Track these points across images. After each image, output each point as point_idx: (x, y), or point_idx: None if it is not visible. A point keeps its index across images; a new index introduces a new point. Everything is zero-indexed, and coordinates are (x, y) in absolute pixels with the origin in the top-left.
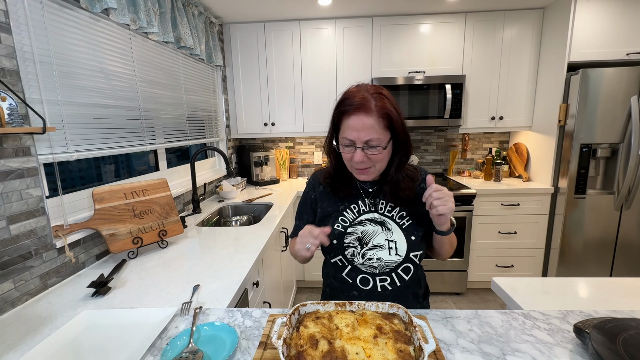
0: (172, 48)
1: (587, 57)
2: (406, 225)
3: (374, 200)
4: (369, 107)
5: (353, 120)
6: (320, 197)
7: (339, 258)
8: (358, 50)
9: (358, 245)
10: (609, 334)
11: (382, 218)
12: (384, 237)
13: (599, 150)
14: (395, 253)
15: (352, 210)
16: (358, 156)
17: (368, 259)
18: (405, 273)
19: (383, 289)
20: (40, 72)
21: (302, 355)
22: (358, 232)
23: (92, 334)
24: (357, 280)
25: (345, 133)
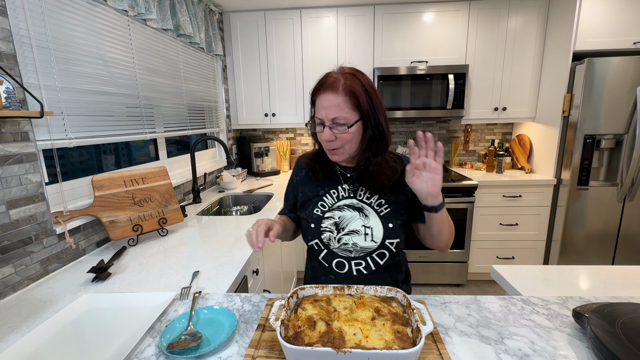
0: (171, 36)
1: (593, 47)
2: (384, 212)
3: (353, 186)
4: (337, 86)
5: (322, 99)
6: (302, 181)
7: (316, 242)
8: (360, 39)
9: (335, 230)
10: (608, 317)
11: (361, 204)
12: (361, 223)
13: (603, 141)
14: (371, 239)
15: (332, 195)
16: (325, 134)
17: (344, 244)
18: (380, 258)
19: (358, 272)
20: (37, 57)
21: (300, 336)
22: (335, 217)
23: (92, 317)
24: (332, 264)
25: (317, 112)
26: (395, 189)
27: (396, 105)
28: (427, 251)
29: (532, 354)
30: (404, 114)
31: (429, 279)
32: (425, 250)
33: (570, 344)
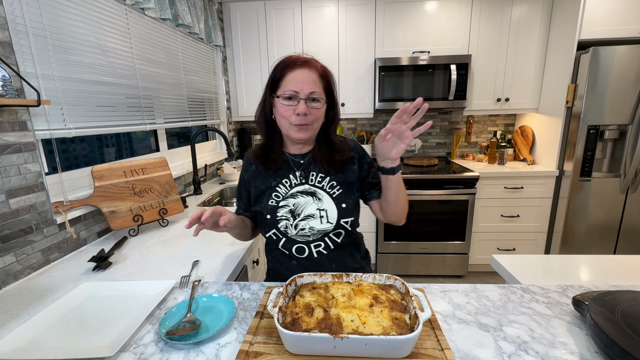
0: (170, 26)
1: (599, 35)
2: (337, 194)
3: (304, 172)
4: (314, 65)
5: (298, 73)
6: (253, 176)
7: (273, 232)
8: (361, 29)
9: (291, 218)
10: (608, 305)
11: (313, 189)
12: (315, 206)
13: (607, 132)
14: (326, 221)
15: (285, 184)
16: (302, 107)
17: (301, 229)
18: (337, 237)
19: (319, 254)
20: (34, 45)
21: (297, 322)
22: (290, 205)
23: (92, 304)
24: (293, 251)
25: (288, 86)
26: (345, 169)
27: (397, 96)
28: (427, 242)
29: (531, 341)
30: None
31: (430, 271)
32: (425, 242)
33: (570, 331)
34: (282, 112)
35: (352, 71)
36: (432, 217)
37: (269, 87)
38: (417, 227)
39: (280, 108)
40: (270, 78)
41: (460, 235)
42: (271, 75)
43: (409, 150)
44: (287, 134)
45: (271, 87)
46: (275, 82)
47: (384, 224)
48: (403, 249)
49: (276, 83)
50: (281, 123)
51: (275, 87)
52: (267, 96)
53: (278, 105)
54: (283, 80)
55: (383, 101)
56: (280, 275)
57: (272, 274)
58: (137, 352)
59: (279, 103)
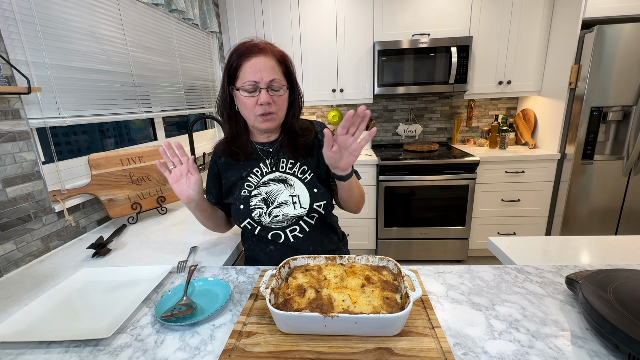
0: (163, 11)
1: (604, 13)
2: (308, 179)
3: (274, 159)
4: (270, 50)
5: (255, 61)
6: (223, 168)
7: (247, 221)
8: (359, 12)
9: (264, 206)
10: (601, 283)
11: (284, 176)
12: (288, 193)
13: (610, 113)
14: (299, 206)
15: (256, 174)
16: (264, 96)
17: (275, 217)
18: (311, 219)
19: (295, 238)
20: (23, 32)
21: (289, 302)
22: (263, 193)
23: (90, 289)
24: (269, 237)
25: (247, 77)
26: (315, 153)
27: (398, 81)
28: (427, 228)
29: (522, 319)
30: (406, 89)
31: (430, 256)
32: (426, 227)
33: (562, 309)
34: (246, 104)
35: (350, 56)
36: (433, 203)
37: (227, 79)
38: (418, 213)
39: (243, 100)
40: (226, 68)
41: (461, 220)
42: (227, 65)
43: (410, 136)
44: (253, 125)
45: (229, 78)
46: (233, 73)
47: (384, 210)
48: (404, 235)
49: (234, 73)
50: (246, 115)
51: (233, 78)
52: (225, 88)
53: (240, 97)
54: (240, 71)
55: (383, 86)
56: (258, 261)
57: (250, 261)
58: (134, 334)
59: (241, 95)
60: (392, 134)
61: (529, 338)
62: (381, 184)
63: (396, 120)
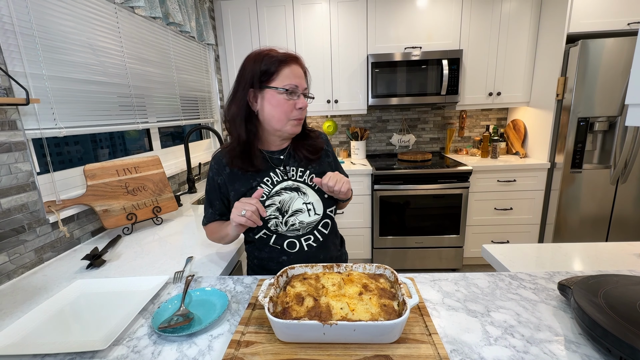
0: (160, 24)
1: (587, 28)
2: (318, 186)
3: (284, 168)
4: (302, 62)
5: (294, 68)
6: (230, 179)
7: (263, 232)
8: (353, 25)
9: (279, 215)
10: (591, 288)
11: (296, 184)
12: (302, 201)
13: (597, 123)
14: (314, 213)
15: (266, 183)
16: (304, 101)
17: (291, 225)
18: (325, 228)
19: (309, 247)
20: (22, 44)
21: (288, 311)
22: (277, 203)
23: (85, 301)
24: (284, 246)
25: (288, 80)
26: (321, 161)
27: (391, 92)
28: (422, 237)
29: (517, 325)
30: (399, 100)
31: (425, 264)
32: (421, 236)
33: (555, 315)
34: (283, 105)
35: (344, 68)
36: (427, 212)
37: (258, 80)
38: (413, 222)
39: (279, 101)
40: (258, 71)
41: (455, 228)
42: (261, 68)
43: (403, 146)
44: (281, 128)
45: (260, 79)
46: (266, 76)
47: (379, 220)
48: (399, 244)
49: (268, 76)
50: (277, 117)
51: (267, 80)
52: (245, 90)
53: (276, 98)
54: (279, 74)
55: (376, 97)
56: (269, 271)
57: (259, 270)
58: (131, 345)
59: (279, 96)
60: (386, 144)
61: (523, 343)
62: (376, 194)
63: (390, 130)
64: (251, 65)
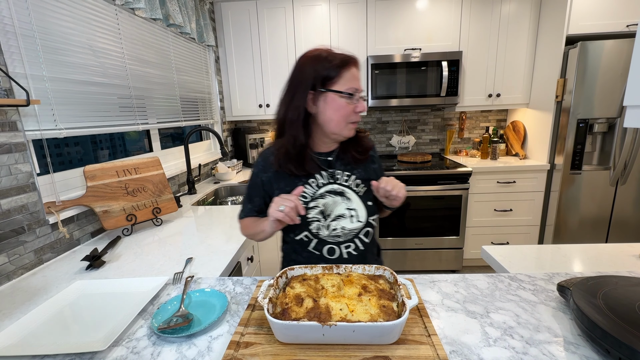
0: (160, 26)
1: (586, 30)
2: (362, 192)
3: (331, 171)
4: (359, 63)
5: (353, 71)
6: (276, 178)
7: (305, 234)
8: (353, 27)
9: (322, 218)
10: (591, 289)
11: (342, 188)
12: (345, 206)
13: (596, 125)
14: (357, 220)
15: (311, 184)
16: (363, 105)
17: (333, 230)
18: (366, 236)
19: (348, 255)
20: (23, 46)
21: (287, 312)
22: (320, 205)
23: (85, 301)
24: (323, 252)
25: (349, 83)
26: (367, 167)
27: (391, 93)
28: (422, 238)
29: (516, 326)
30: (399, 102)
31: (425, 266)
32: (420, 237)
33: (554, 316)
34: (344, 109)
35: None
36: (427, 213)
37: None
38: (412, 223)
39: (341, 105)
40: (320, 73)
41: (455, 230)
42: (323, 70)
43: (403, 147)
44: (339, 132)
45: (322, 81)
46: (328, 78)
47: (379, 221)
48: (399, 245)
49: (329, 78)
50: (335, 119)
51: (328, 82)
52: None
53: (338, 102)
54: (340, 77)
55: (376, 98)
56: None
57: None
58: (130, 346)
59: (340, 100)
60: (386, 145)
61: (523, 344)
62: None
63: (390, 131)
64: (311, 67)
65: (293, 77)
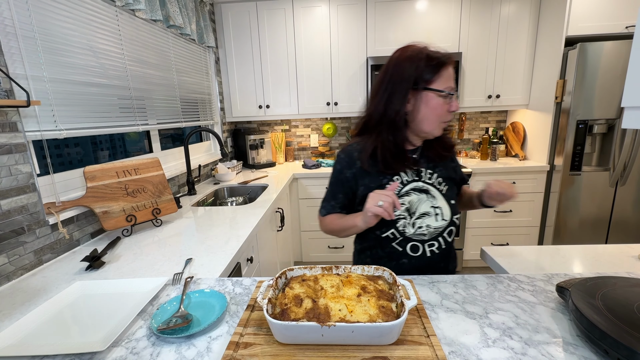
0: (161, 27)
1: (585, 31)
2: (445, 190)
3: (416, 168)
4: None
5: (450, 70)
6: (360, 174)
7: (391, 232)
8: (353, 29)
9: (408, 216)
10: (589, 290)
11: (426, 186)
12: (430, 204)
13: (596, 126)
14: (441, 218)
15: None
16: (457, 104)
17: (418, 228)
18: (449, 235)
19: (432, 253)
20: (23, 47)
21: (286, 312)
22: (406, 203)
23: (84, 302)
24: (407, 249)
25: (446, 83)
26: (447, 165)
27: None
28: None
29: (515, 327)
30: None
31: None
32: None
33: (553, 317)
34: (438, 108)
35: (344, 70)
36: None
37: (422, 80)
38: None
39: (438, 104)
40: (421, 72)
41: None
42: (423, 69)
43: None
44: (430, 131)
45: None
46: (427, 76)
47: None
48: None
49: (430, 77)
50: (430, 118)
51: (427, 81)
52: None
53: (435, 101)
54: (438, 76)
55: None
56: None
57: None
58: (129, 347)
59: (436, 98)
60: None
61: (522, 345)
62: None
63: None
64: (411, 65)
65: (390, 75)
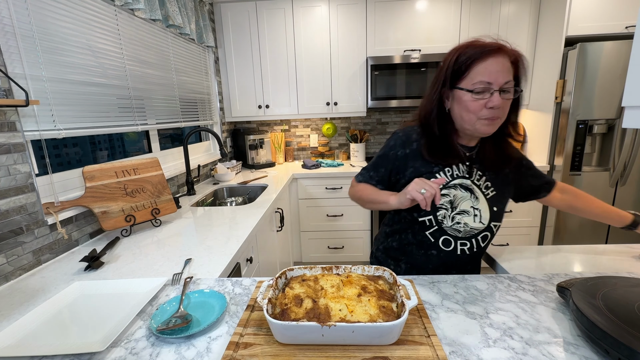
0: (160, 26)
1: (585, 31)
2: (490, 195)
3: (469, 166)
4: (506, 49)
5: (490, 62)
6: (413, 155)
7: (429, 218)
8: (352, 28)
9: (450, 208)
10: (590, 290)
11: (472, 186)
12: (470, 204)
13: (596, 126)
14: (479, 220)
15: (446, 173)
16: (497, 99)
17: (456, 223)
18: (483, 240)
19: (462, 252)
20: (22, 46)
21: (286, 312)
22: (450, 195)
23: (83, 302)
24: (439, 241)
25: (478, 77)
26: (508, 175)
27: (390, 94)
28: None
29: (516, 327)
30: (399, 103)
31: None
32: None
33: (554, 317)
34: (470, 106)
35: (344, 70)
36: None
37: (450, 78)
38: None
39: (466, 102)
40: (446, 68)
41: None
42: (454, 67)
43: None
44: (469, 127)
45: (452, 78)
46: (458, 73)
47: (379, 222)
48: None
49: (459, 74)
50: (465, 117)
51: (458, 78)
52: (439, 89)
53: (463, 98)
54: (471, 71)
55: (376, 99)
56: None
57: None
58: (129, 347)
59: (466, 97)
60: None
61: (522, 345)
62: None
63: (389, 132)
64: (449, 60)
65: (439, 69)
